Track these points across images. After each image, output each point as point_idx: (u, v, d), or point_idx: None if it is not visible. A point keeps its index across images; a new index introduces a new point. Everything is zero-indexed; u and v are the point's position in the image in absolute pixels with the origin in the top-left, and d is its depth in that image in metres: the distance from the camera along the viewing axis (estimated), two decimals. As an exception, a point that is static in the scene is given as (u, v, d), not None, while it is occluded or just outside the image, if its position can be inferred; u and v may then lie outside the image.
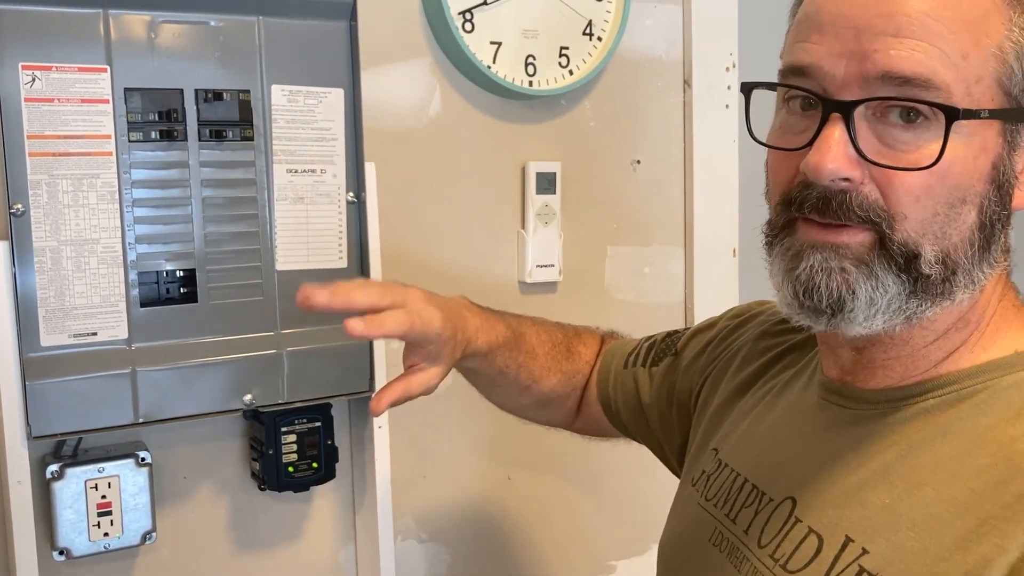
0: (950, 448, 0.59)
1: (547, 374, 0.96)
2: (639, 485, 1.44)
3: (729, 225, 1.46)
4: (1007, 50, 0.57)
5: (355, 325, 0.70)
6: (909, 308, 0.59)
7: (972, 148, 0.57)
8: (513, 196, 1.30)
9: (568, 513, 1.39)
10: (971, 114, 0.56)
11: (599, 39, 1.30)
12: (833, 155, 0.57)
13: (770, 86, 0.64)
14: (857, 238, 0.59)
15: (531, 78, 1.26)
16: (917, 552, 0.56)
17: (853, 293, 0.58)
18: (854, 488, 0.62)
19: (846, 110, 0.57)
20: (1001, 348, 0.62)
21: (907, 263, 0.58)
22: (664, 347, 0.94)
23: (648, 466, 1.43)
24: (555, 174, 1.30)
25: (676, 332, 0.96)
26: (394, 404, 0.78)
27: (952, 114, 0.55)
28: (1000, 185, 0.59)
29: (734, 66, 1.44)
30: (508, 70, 1.24)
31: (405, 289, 0.79)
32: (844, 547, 0.60)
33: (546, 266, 1.31)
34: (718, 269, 1.46)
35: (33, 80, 0.94)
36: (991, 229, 0.59)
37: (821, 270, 0.59)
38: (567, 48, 1.28)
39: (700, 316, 1.44)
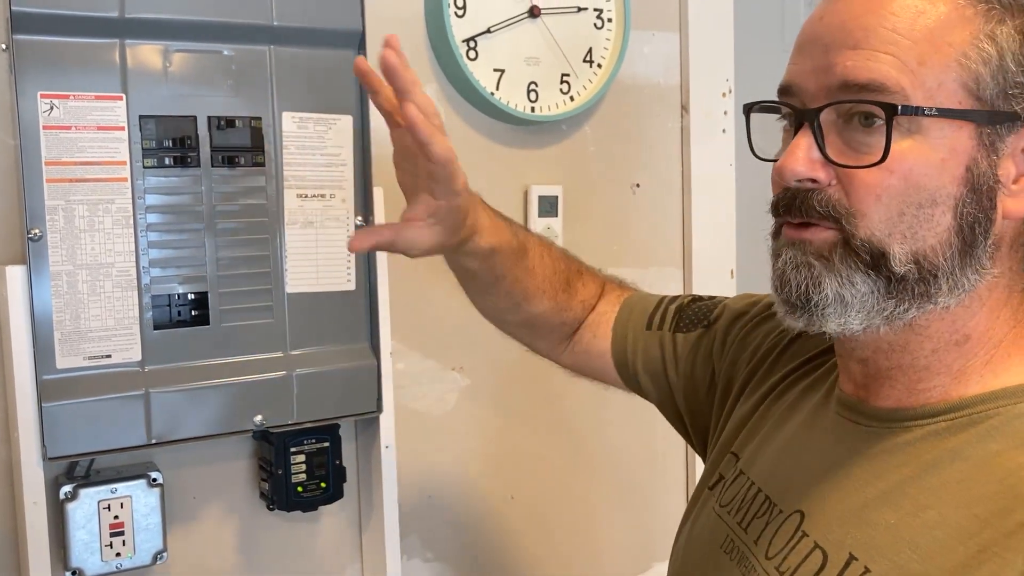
0: (958, 472, 0.59)
1: (540, 297, 0.95)
2: (642, 504, 1.45)
3: (727, 247, 1.49)
4: (972, 57, 0.59)
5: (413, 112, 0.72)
6: (887, 308, 0.61)
7: (939, 150, 0.59)
8: (516, 218, 1.32)
9: (571, 531, 1.41)
10: (913, 110, 0.58)
11: (599, 66, 1.34)
12: (793, 158, 0.62)
13: (764, 104, 0.68)
14: (821, 235, 0.62)
15: (533, 104, 1.29)
16: (918, 574, 0.57)
17: (819, 286, 0.61)
18: (861, 506, 0.63)
19: (812, 117, 0.62)
20: (1015, 375, 0.62)
21: (874, 261, 0.60)
22: (695, 315, 0.93)
23: (650, 485, 1.45)
24: (557, 197, 1.33)
25: (702, 299, 0.95)
26: (374, 248, 0.79)
27: (891, 110, 0.58)
28: (977, 189, 0.60)
29: (730, 92, 1.47)
30: (511, 96, 1.27)
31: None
32: (847, 565, 0.61)
33: (548, 288, 1.33)
34: (716, 290, 1.48)
35: (51, 108, 0.97)
36: (971, 233, 0.60)
37: (791, 265, 0.63)
38: (568, 75, 1.31)
39: (699, 336, 1.46)
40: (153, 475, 1.05)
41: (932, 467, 0.61)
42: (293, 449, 1.11)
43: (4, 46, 0.97)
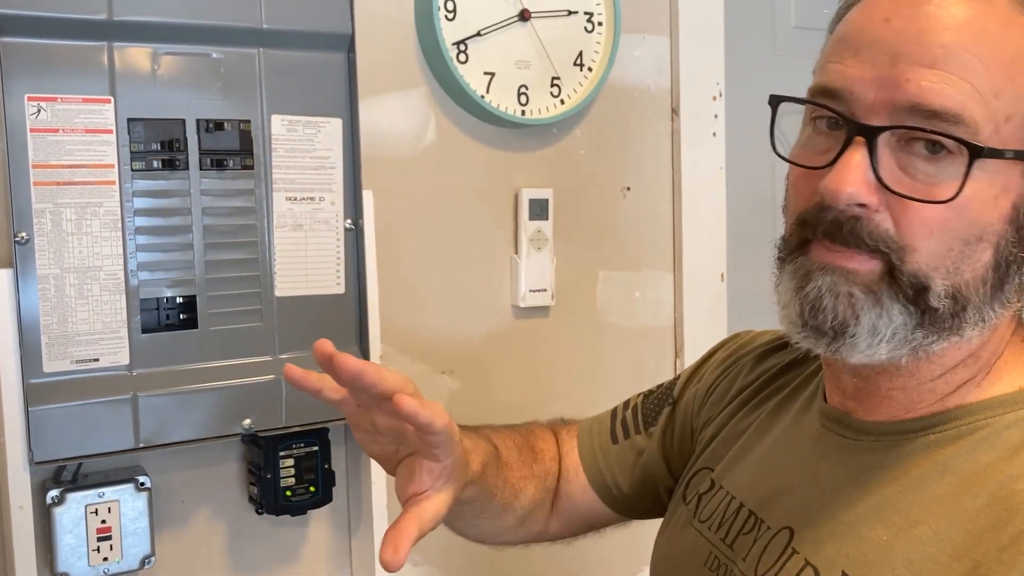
0: (948, 486, 0.59)
1: (525, 484, 0.85)
2: (631, 507, 1.45)
3: (717, 250, 1.49)
4: None
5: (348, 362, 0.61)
6: (915, 340, 0.59)
7: (994, 187, 0.57)
8: (506, 222, 1.32)
9: (561, 535, 1.41)
10: (996, 153, 0.55)
11: (589, 69, 1.34)
12: (852, 179, 0.57)
13: (798, 101, 0.63)
14: (867, 265, 0.58)
15: (524, 107, 1.29)
16: None
17: (857, 318, 0.58)
18: (852, 522, 0.62)
19: (871, 135, 0.57)
20: (1006, 384, 0.62)
21: (916, 295, 0.58)
22: (655, 404, 0.90)
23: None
24: (547, 200, 1.33)
25: (653, 390, 0.92)
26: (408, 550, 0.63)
27: (976, 151, 0.55)
28: (1020, 226, 0.58)
29: (720, 95, 1.47)
30: (501, 100, 1.27)
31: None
32: None
33: (539, 291, 1.33)
34: (707, 293, 1.48)
35: (39, 111, 0.96)
36: (1006, 269, 0.59)
37: (829, 292, 0.59)
38: (558, 78, 1.31)
39: (689, 340, 1.46)
40: (141, 479, 1.05)
41: (922, 481, 0.60)
42: (282, 453, 1.11)
43: (-9, 48, 0.97)
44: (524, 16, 1.27)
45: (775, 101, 0.64)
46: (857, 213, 0.58)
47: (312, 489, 1.13)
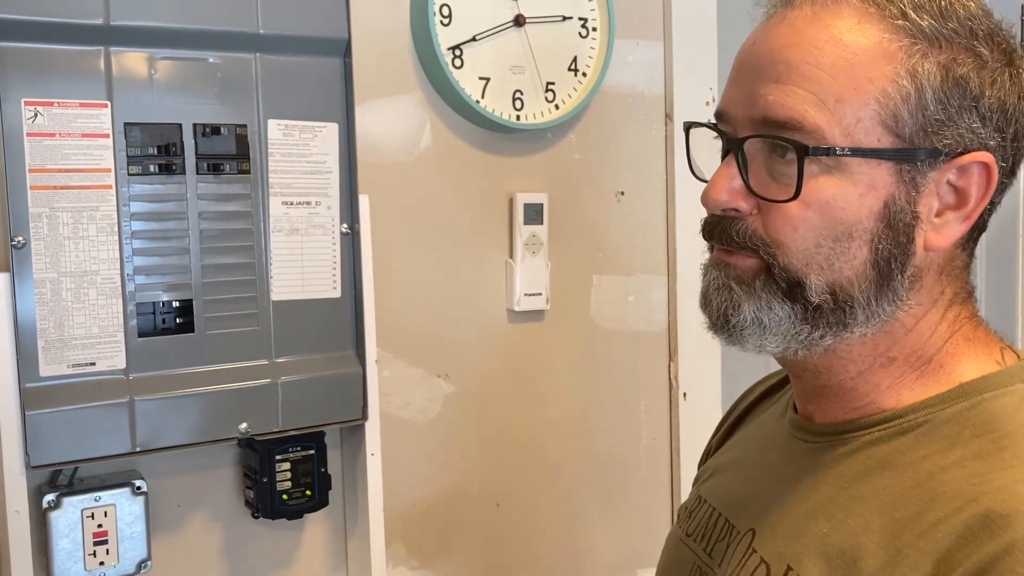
0: (886, 480, 0.61)
1: None
2: (626, 511, 1.46)
3: (710, 254, 1.50)
4: (891, 95, 0.59)
5: None
6: (802, 334, 0.62)
7: (858, 185, 0.59)
8: (501, 226, 1.33)
9: (557, 539, 1.41)
10: (824, 151, 0.59)
11: (584, 75, 1.34)
12: (717, 187, 0.63)
13: (702, 126, 0.69)
14: (745, 262, 0.63)
15: (518, 112, 1.30)
16: None
17: (737, 309, 0.63)
18: (801, 519, 0.65)
19: (736, 147, 0.63)
20: (945, 382, 0.64)
21: (791, 289, 0.62)
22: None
23: (632, 493, 1.46)
24: (542, 205, 1.33)
25: None
26: None
27: (803, 150, 0.59)
28: (893, 225, 0.60)
29: (714, 100, 1.48)
30: (496, 104, 1.28)
31: None
32: (785, 575, 0.63)
33: (534, 295, 1.34)
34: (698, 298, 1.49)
35: (36, 115, 0.96)
36: (887, 267, 0.61)
37: (713, 286, 0.65)
38: (553, 83, 1.32)
39: (683, 343, 1.47)
40: (137, 483, 1.05)
41: (863, 476, 0.63)
42: (278, 457, 1.11)
43: (-12, 53, 0.97)
44: (519, 21, 1.28)
45: (686, 127, 0.71)
46: (732, 216, 0.63)
47: (308, 493, 1.13)
